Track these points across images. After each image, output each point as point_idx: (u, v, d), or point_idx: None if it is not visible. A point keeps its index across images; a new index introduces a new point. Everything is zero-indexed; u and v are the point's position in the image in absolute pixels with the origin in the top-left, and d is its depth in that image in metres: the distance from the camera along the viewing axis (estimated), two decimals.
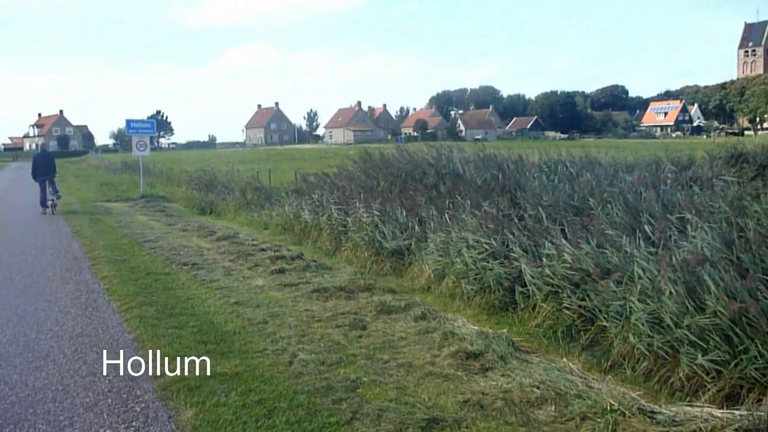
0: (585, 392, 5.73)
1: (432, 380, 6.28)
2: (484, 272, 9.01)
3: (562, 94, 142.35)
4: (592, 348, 7.18)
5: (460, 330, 7.57)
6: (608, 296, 7.04)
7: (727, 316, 5.76)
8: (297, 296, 9.62)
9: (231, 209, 21.58)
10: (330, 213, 14.47)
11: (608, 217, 9.05)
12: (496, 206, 10.85)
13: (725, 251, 6.67)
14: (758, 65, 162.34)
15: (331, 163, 21.89)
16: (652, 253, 7.21)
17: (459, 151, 15.89)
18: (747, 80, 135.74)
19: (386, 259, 11.72)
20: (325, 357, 6.88)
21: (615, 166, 13.61)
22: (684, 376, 6.02)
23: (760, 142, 34.93)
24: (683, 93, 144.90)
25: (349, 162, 18.76)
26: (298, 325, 8.12)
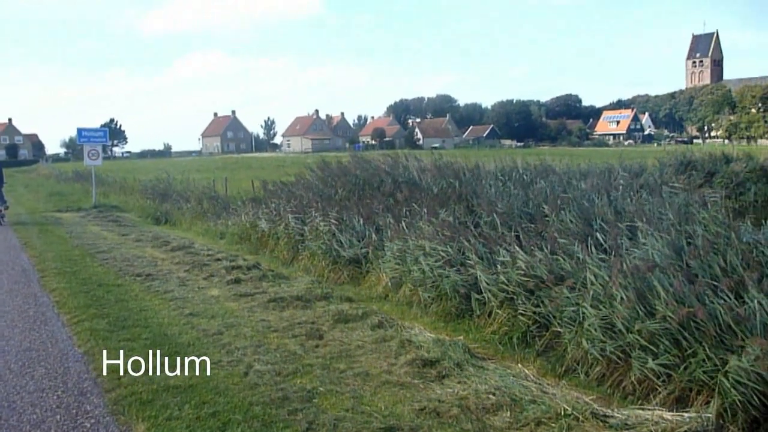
0: (540, 398, 5.79)
1: (389, 389, 6.27)
2: (440, 280, 9.05)
3: (518, 103, 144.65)
4: (546, 353, 7.26)
5: (417, 338, 7.58)
6: (562, 302, 7.15)
7: (676, 321, 5.89)
8: (253, 306, 9.51)
9: (186, 219, 21.26)
10: (287, 222, 14.37)
11: (562, 224, 9.20)
12: (453, 214, 10.93)
13: (674, 257, 6.84)
14: (705, 75, 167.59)
15: (289, 171, 21.71)
16: (604, 259, 7.35)
17: (416, 160, 15.99)
18: (695, 90, 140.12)
19: (344, 268, 11.69)
20: (281, 367, 6.81)
21: (569, 174, 13.86)
22: (636, 380, 6.14)
23: (708, 150, 36.09)
24: (635, 102, 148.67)
25: (307, 171, 18.68)
26: (254, 335, 8.03)
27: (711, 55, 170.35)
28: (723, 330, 5.73)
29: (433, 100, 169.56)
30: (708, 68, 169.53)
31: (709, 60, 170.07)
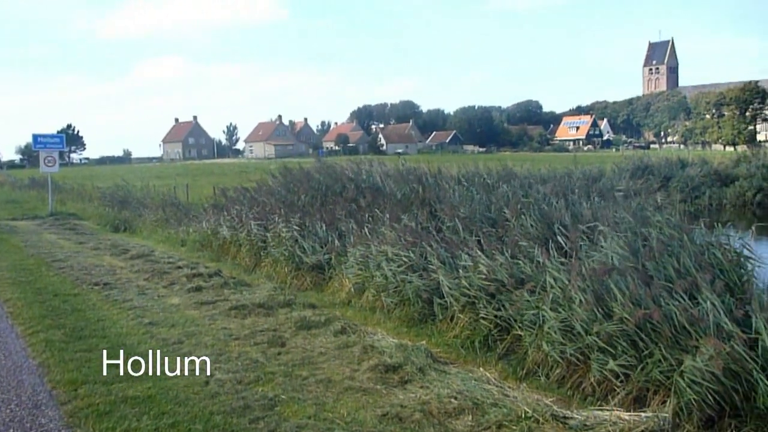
0: (501, 401, 5.84)
1: (351, 395, 6.25)
2: (403, 285, 9.08)
3: (480, 109, 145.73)
4: (508, 357, 7.33)
5: (379, 343, 7.59)
6: (522, 306, 7.23)
7: (633, 323, 6.00)
8: (214, 314, 9.40)
9: (146, 226, 20.92)
10: (249, 228, 14.25)
11: (522, 228, 9.31)
12: (415, 219, 10.98)
13: (631, 260, 6.97)
14: (661, 82, 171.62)
15: (252, 177, 21.57)
16: (563, 263, 7.45)
17: (379, 165, 16.02)
18: (652, 96, 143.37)
19: (306, 274, 11.64)
20: (243, 376, 6.74)
21: (530, 179, 14.04)
22: (595, 381, 6.23)
23: (664, 155, 36.98)
24: (594, 108, 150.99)
25: (269, 177, 18.57)
26: (215, 343, 7.93)
27: (667, 62, 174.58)
28: (678, 331, 5.85)
29: (397, 106, 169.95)
30: (664, 75, 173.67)
31: (665, 67, 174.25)
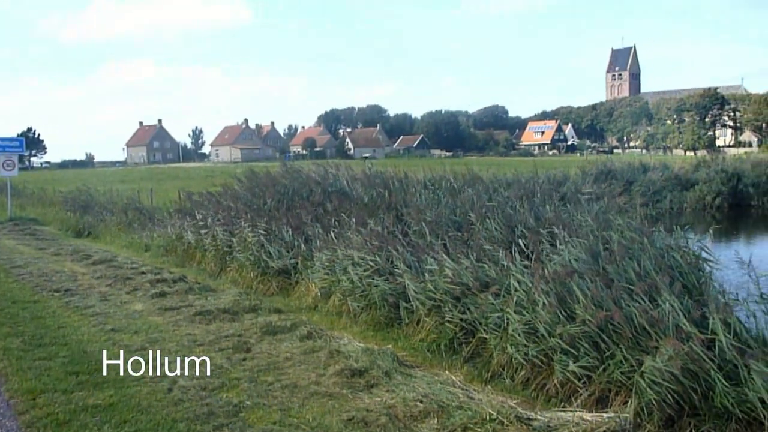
0: (466, 403, 5.87)
1: (317, 400, 6.23)
2: (369, 289, 9.08)
3: (447, 113, 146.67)
4: (473, 359, 7.38)
5: (346, 348, 7.58)
6: (487, 309, 7.29)
7: (595, 324, 6.10)
8: (178, 320, 9.28)
9: (110, 231, 20.59)
10: (214, 233, 14.12)
11: (487, 231, 9.40)
12: (382, 223, 11.00)
13: (592, 263, 7.09)
14: (624, 88, 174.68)
15: (217, 181, 21.37)
16: (526, 266, 7.54)
17: (346, 169, 16.01)
18: (615, 102, 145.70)
19: (273, 279, 11.58)
20: (207, 382, 6.67)
21: (495, 183, 14.16)
22: (558, 382, 6.32)
23: (627, 160, 37.63)
24: (558, 113, 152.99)
25: (235, 181, 18.42)
26: (179, 350, 7.83)
27: (629, 68, 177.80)
28: (638, 332, 5.97)
29: (364, 110, 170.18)
30: (626, 81, 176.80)
31: (627, 73, 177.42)
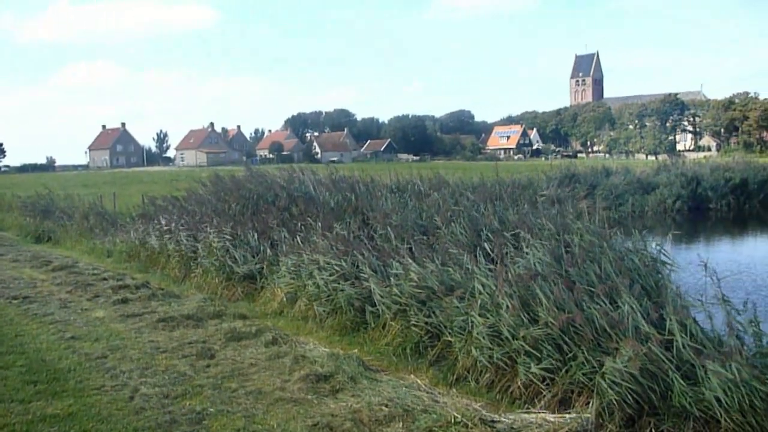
0: (431, 407, 5.90)
1: (282, 406, 6.19)
2: (335, 294, 9.07)
3: (414, 118, 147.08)
4: (439, 363, 7.42)
5: (311, 353, 7.55)
6: (452, 312, 7.33)
7: (557, 327, 6.18)
8: (141, 327, 9.15)
9: (71, 236, 20.17)
10: (179, 238, 13.95)
11: (452, 235, 9.46)
12: (348, 227, 10.99)
13: (555, 266, 7.18)
14: (587, 94, 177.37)
15: (182, 186, 21.10)
16: (491, 269, 7.61)
17: (312, 173, 15.97)
18: (578, 107, 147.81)
19: (238, 284, 11.48)
20: (170, 390, 6.58)
21: (461, 187, 14.26)
22: (522, 384, 6.38)
23: (590, 164, 38.21)
24: (524, 118, 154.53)
25: (200, 185, 18.22)
26: (141, 357, 7.72)
27: (592, 74, 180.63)
28: (599, 333, 6.06)
29: (331, 114, 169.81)
30: (590, 87, 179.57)
31: (590, 79, 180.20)
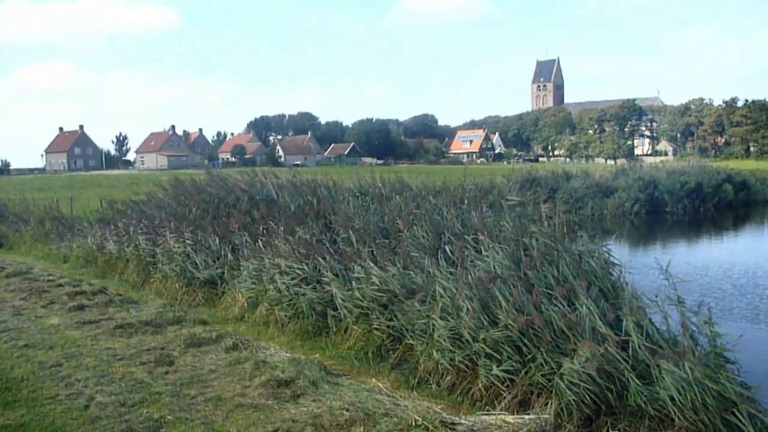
0: (392, 410, 5.90)
1: (242, 412, 6.13)
2: (297, 298, 9.02)
3: (377, 121, 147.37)
4: (400, 366, 7.43)
5: (272, 358, 7.49)
6: (414, 315, 7.35)
7: (517, 329, 6.25)
8: (98, 334, 8.97)
9: (26, 242, 19.69)
10: (137, 243, 13.72)
11: (414, 238, 9.49)
12: (310, 231, 10.93)
13: (514, 268, 7.25)
14: (549, 99, 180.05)
15: (142, 189, 20.78)
16: (452, 272, 7.65)
17: (274, 177, 15.85)
18: (540, 112, 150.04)
19: (198, 290, 11.33)
20: (127, 398, 6.46)
21: (424, 190, 14.30)
22: (482, 386, 6.42)
23: (551, 168, 38.76)
24: (486, 123, 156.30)
25: (159, 189, 17.95)
26: (98, 365, 7.56)
27: (553, 80, 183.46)
28: (558, 335, 6.14)
29: (295, 117, 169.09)
30: (551, 92, 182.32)
31: (551, 84, 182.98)
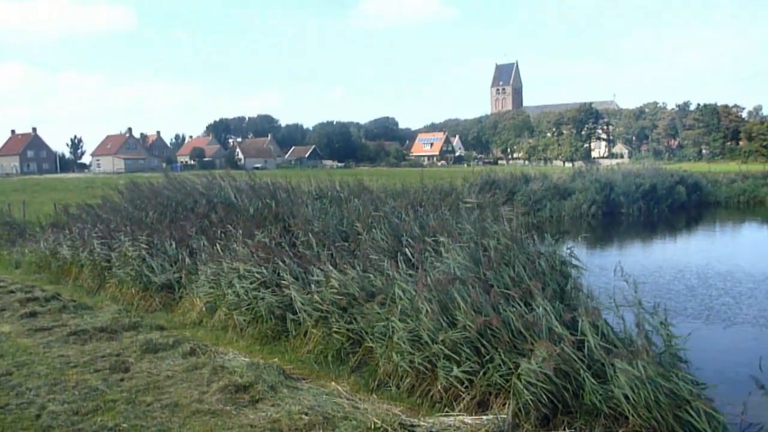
0: (351, 413, 5.89)
1: (199, 418, 6.04)
2: (256, 302, 8.94)
3: (338, 124, 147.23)
4: (360, 369, 7.42)
5: (230, 363, 7.41)
6: (373, 318, 7.36)
7: (475, 330, 6.30)
8: (50, 341, 8.74)
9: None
10: (92, 248, 13.42)
11: (373, 241, 9.50)
12: (269, 234, 10.86)
13: (473, 270, 7.31)
14: (507, 102, 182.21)
15: (97, 193, 20.37)
16: (411, 274, 7.68)
17: (232, 180, 15.71)
18: (499, 115, 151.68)
19: (155, 295, 11.15)
20: (80, 406, 6.31)
21: (384, 193, 14.34)
22: (442, 388, 6.46)
23: (510, 170, 39.21)
24: (446, 126, 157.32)
25: (115, 192, 17.63)
26: (50, 373, 7.37)
27: (512, 83, 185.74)
28: (515, 335, 6.21)
29: (255, 120, 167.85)
30: (510, 95, 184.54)
31: (510, 88, 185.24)
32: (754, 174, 41.17)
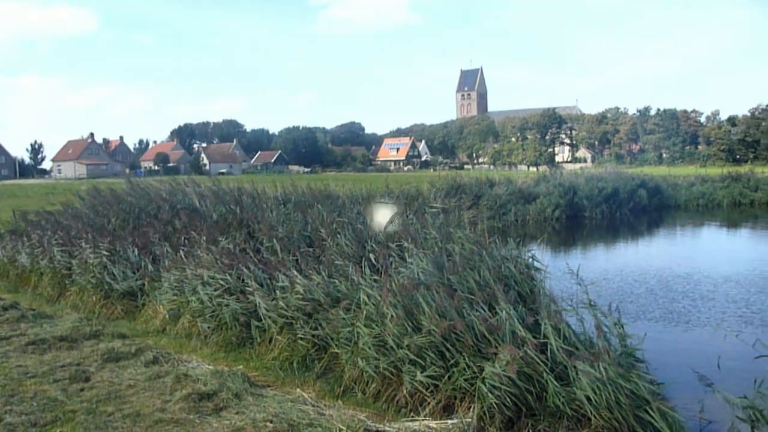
0: (317, 420, 5.86)
1: (161, 427, 5.95)
2: (220, 309, 8.85)
3: (304, 129, 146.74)
4: (326, 375, 7.40)
5: (194, 371, 7.32)
6: (338, 324, 7.35)
7: (440, 334, 6.33)
8: (8, 351, 8.53)
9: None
10: (52, 255, 13.15)
11: (338, 247, 9.49)
12: (233, 241, 10.77)
13: (437, 274, 7.36)
14: (473, 107, 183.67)
15: (58, 199, 19.95)
16: (376, 279, 7.69)
17: (196, 185, 15.56)
18: (464, 120, 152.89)
19: (117, 302, 10.96)
20: (38, 417, 6.17)
21: (351, 198, 14.35)
22: (407, 393, 6.47)
23: (475, 175, 39.52)
24: (412, 131, 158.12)
25: (76, 199, 17.30)
26: (7, 383, 7.19)
27: (477, 89, 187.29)
28: (479, 339, 6.26)
29: (220, 125, 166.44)
30: (475, 101, 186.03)
31: (475, 93, 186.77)
32: (712, 177, 42.17)
